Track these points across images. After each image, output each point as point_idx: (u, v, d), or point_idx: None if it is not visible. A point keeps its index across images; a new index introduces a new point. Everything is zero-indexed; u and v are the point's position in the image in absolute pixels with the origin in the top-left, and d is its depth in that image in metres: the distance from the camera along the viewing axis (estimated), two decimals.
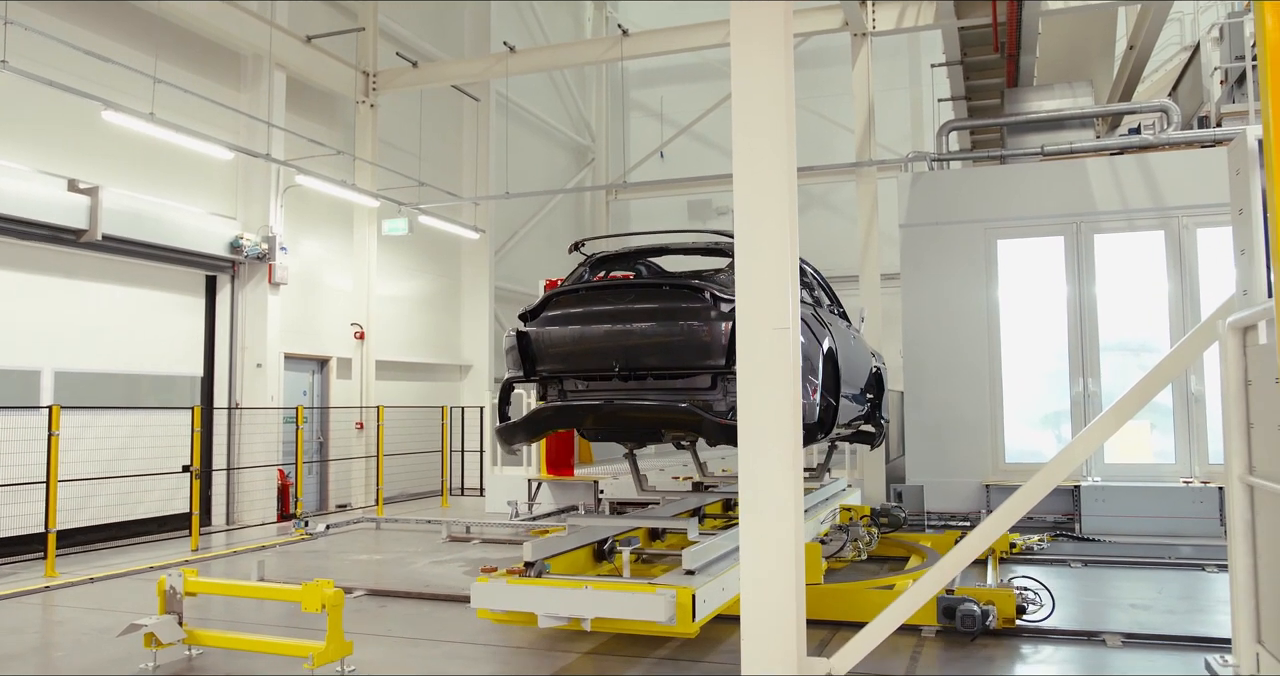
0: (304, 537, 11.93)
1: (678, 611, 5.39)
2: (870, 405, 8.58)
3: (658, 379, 6.16)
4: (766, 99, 4.19)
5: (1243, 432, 3.91)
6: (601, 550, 7.10)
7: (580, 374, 6.46)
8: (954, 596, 6.56)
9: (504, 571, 6.10)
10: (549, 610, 5.68)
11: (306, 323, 15.33)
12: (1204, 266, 11.48)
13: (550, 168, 23.56)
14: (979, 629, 6.33)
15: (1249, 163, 3.74)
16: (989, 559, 9.05)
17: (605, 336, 6.19)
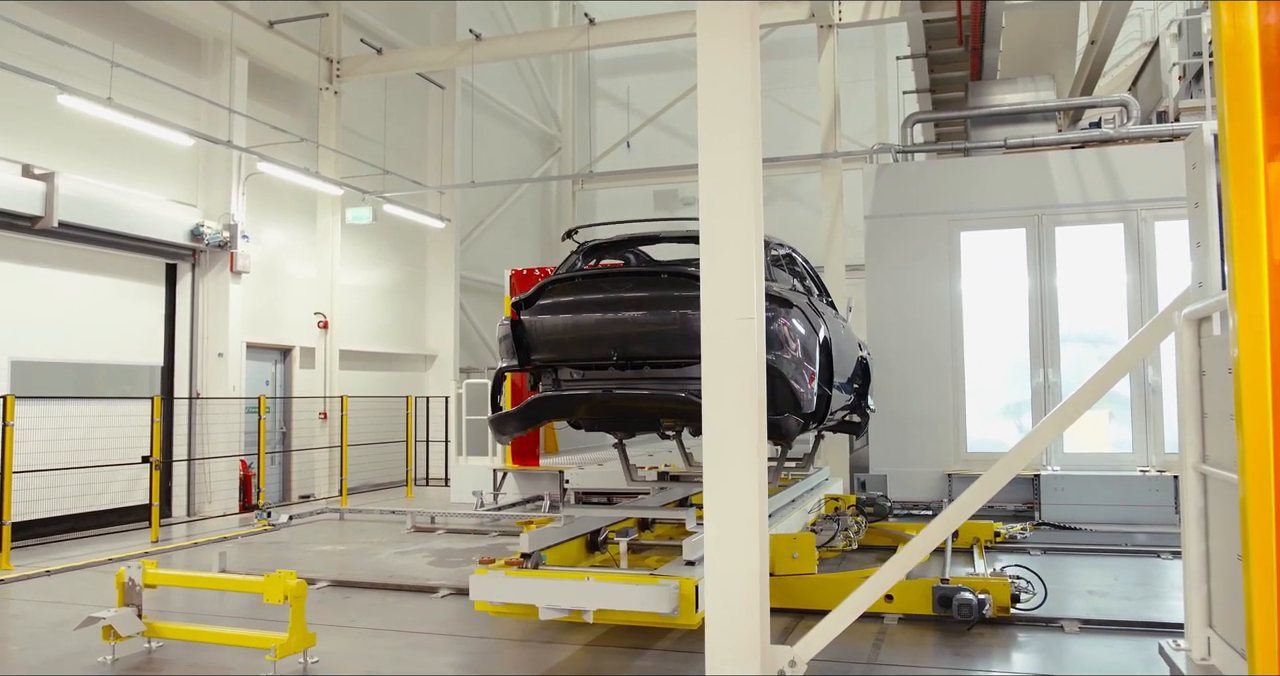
0: (266, 529, 11.82)
1: (680, 602, 5.37)
2: (856, 394, 8.60)
3: (654, 368, 6.10)
4: (732, 92, 4.19)
5: (1197, 422, 3.98)
6: (595, 541, 7.07)
7: (576, 363, 6.38)
8: (949, 586, 6.56)
9: (502, 562, 6.04)
10: (551, 602, 5.63)
11: (269, 312, 15.16)
12: (1161, 259, 11.66)
13: (516, 157, 23.44)
14: (975, 617, 6.34)
15: (1204, 157, 3.80)
16: (974, 548, 9.12)
17: (602, 325, 6.11)
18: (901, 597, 6.74)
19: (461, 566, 9.21)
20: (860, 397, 8.83)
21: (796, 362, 5.93)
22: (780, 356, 5.85)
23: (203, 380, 13.66)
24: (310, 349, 16.06)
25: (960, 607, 6.38)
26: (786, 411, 5.96)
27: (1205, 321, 3.88)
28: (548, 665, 5.91)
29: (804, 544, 7.14)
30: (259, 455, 13.40)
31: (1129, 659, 5.78)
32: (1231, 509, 3.24)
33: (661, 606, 5.34)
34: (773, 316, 5.89)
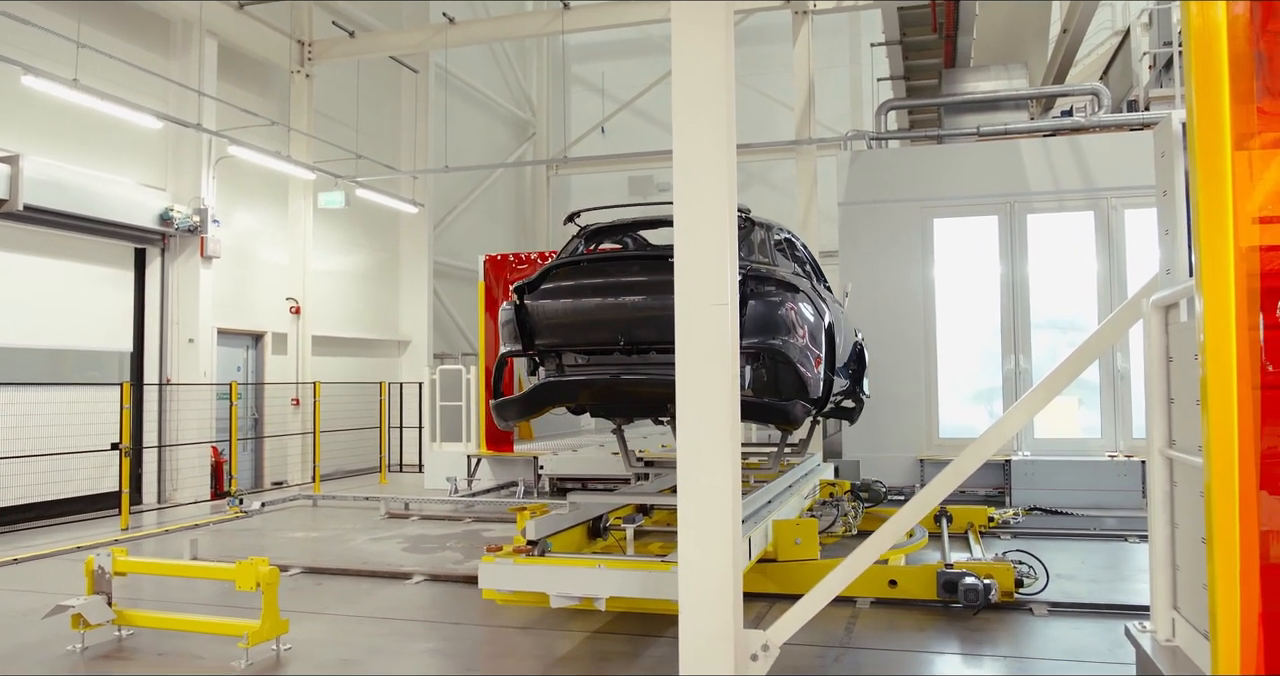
0: (238, 515, 11.75)
1: None
2: (852, 380, 8.59)
3: (660, 353, 6.02)
4: (706, 78, 4.18)
5: (1164, 408, 4.04)
6: (597, 527, 7.02)
7: (581, 348, 6.29)
8: (954, 571, 6.55)
9: (509, 550, 5.99)
10: (563, 590, 5.58)
11: (240, 297, 15.03)
12: (1131, 246, 11.78)
13: (490, 142, 23.30)
14: (981, 603, 6.33)
15: (1173, 146, 3.84)
16: (969, 533, 9.18)
17: (608, 309, 6.02)
18: (905, 583, 6.74)
19: (436, 552, 9.20)
20: (855, 383, 8.84)
21: (803, 348, 5.90)
22: (787, 341, 5.81)
23: (173, 366, 13.53)
24: (282, 335, 15.94)
25: (966, 593, 6.34)
26: (794, 397, 5.95)
27: (1173, 308, 3.93)
28: (526, 650, 5.92)
29: (806, 529, 7.12)
30: (230, 442, 13.30)
31: (1096, 641, 5.87)
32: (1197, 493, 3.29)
33: (670, 593, 5.28)
34: (779, 301, 5.87)
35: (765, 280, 5.96)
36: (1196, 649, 3.58)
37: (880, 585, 6.78)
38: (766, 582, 6.88)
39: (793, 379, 5.82)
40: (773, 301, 5.88)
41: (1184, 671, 3.55)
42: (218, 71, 14.17)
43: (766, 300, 5.87)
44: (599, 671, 5.43)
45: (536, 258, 14.46)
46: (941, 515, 9.28)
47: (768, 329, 5.82)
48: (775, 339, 5.81)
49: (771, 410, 5.96)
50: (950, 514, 9.34)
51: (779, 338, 5.80)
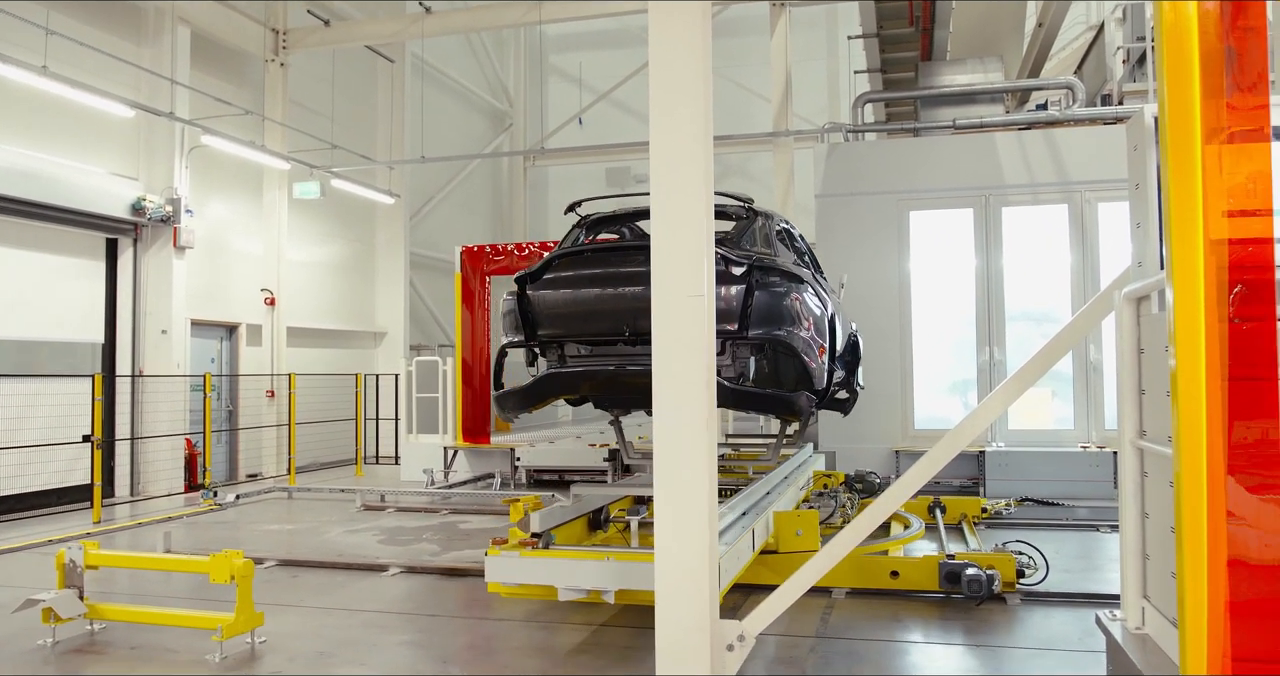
0: (212, 508, 11.67)
1: None
2: (847, 371, 8.59)
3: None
4: (684, 70, 4.18)
5: (1135, 399, 4.08)
6: (597, 519, 6.95)
7: (585, 338, 6.20)
8: (956, 562, 6.54)
9: (515, 543, 5.94)
10: (572, 583, 5.51)
11: (214, 288, 14.90)
12: (1104, 239, 11.87)
13: (467, 132, 23.20)
14: (985, 593, 6.32)
15: (1145, 139, 3.87)
16: (964, 524, 9.21)
17: (613, 299, 5.95)
18: (907, 574, 6.72)
19: (412, 544, 9.17)
20: (850, 374, 8.84)
21: (808, 338, 5.87)
22: (792, 332, 5.78)
23: (146, 357, 13.40)
24: (257, 326, 15.82)
25: (970, 584, 6.33)
26: (799, 388, 5.93)
27: (1144, 300, 3.97)
28: (502, 642, 5.92)
29: (807, 520, 7.10)
30: (204, 434, 13.20)
31: (1068, 629, 5.94)
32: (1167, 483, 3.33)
33: None
34: (785, 291, 5.84)
35: (769, 270, 5.93)
36: (1165, 636, 3.63)
37: (882, 576, 6.79)
38: (769, 574, 6.81)
39: (798, 370, 5.80)
40: (778, 292, 5.85)
41: (1153, 659, 3.60)
42: (191, 60, 14.01)
43: (771, 291, 5.84)
44: (573, 661, 5.44)
45: (513, 249, 14.42)
46: (935, 505, 9.34)
47: (773, 320, 5.80)
48: (780, 330, 5.77)
49: (777, 401, 5.93)
50: (944, 504, 9.40)
51: (784, 328, 5.76)
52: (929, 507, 9.33)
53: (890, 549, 7.58)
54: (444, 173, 21.80)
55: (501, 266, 14.46)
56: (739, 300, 5.77)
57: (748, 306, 5.77)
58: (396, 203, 18.67)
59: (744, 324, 5.77)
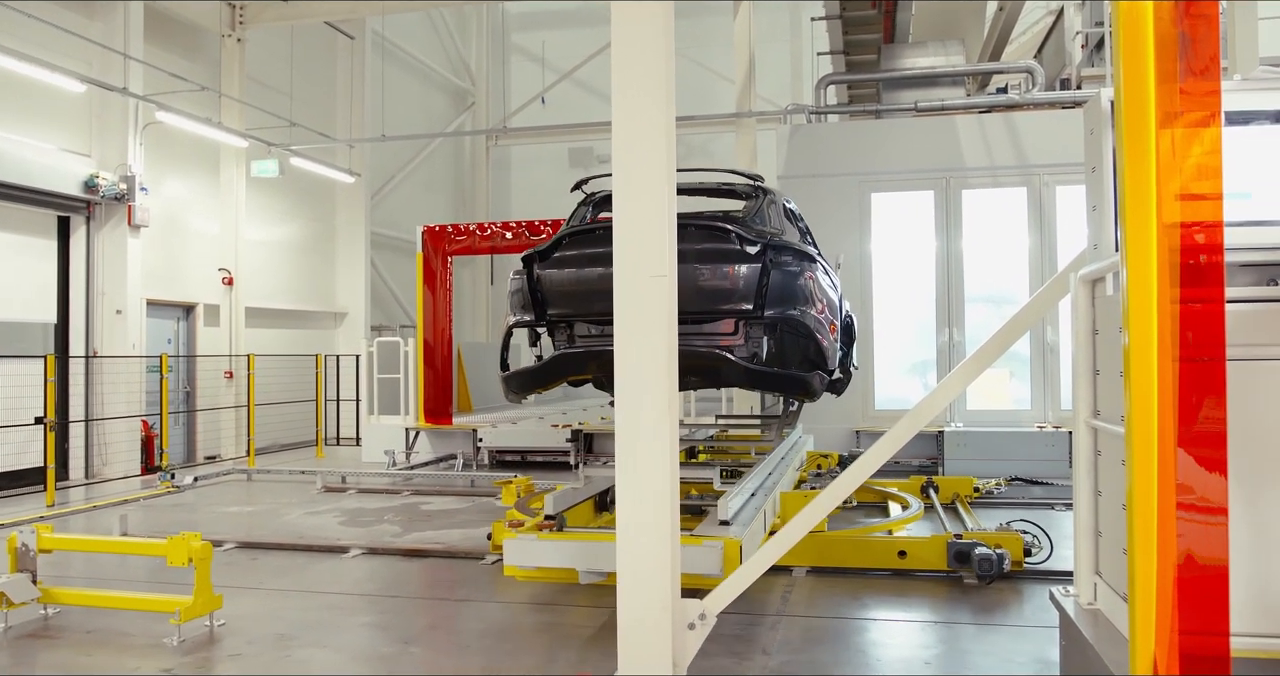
0: (170, 490, 11.54)
1: (725, 564, 5.26)
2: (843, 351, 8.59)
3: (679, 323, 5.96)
4: (646, 51, 4.16)
5: (1089, 379, 4.14)
6: (604, 501, 6.90)
7: (595, 318, 6.08)
8: (965, 541, 6.56)
9: (531, 526, 5.90)
10: (592, 566, 5.45)
11: (170, 267, 14.66)
12: (1062, 222, 12.03)
13: (428, 111, 22.96)
14: (995, 572, 6.33)
15: (1101, 123, 3.91)
16: (957, 503, 9.28)
17: None
18: (915, 554, 6.75)
19: (374, 526, 9.13)
20: (846, 354, 8.85)
21: (821, 319, 5.85)
22: (805, 312, 5.74)
23: (100, 338, 13.17)
24: (215, 306, 15.61)
25: (981, 563, 6.35)
26: (814, 368, 5.91)
27: (1099, 282, 4.02)
28: (465, 622, 5.92)
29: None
30: (161, 415, 13.02)
31: (1023, 605, 6.05)
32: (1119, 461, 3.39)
33: (711, 567, 5.22)
34: (798, 271, 5.81)
35: (783, 249, 5.88)
36: (1116, 611, 3.70)
37: (889, 556, 6.82)
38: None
39: (812, 349, 5.77)
40: (791, 271, 5.82)
41: (1103, 632, 3.67)
42: (144, 34, 13.71)
43: (785, 270, 5.80)
44: (535, 641, 5.46)
45: (475, 229, 14.34)
46: (928, 485, 9.44)
47: (788, 299, 5.76)
48: (794, 309, 5.74)
49: (791, 381, 5.92)
50: (937, 484, 9.50)
51: (797, 308, 5.72)
52: (922, 487, 9.45)
53: (893, 529, 7.63)
54: (405, 152, 21.57)
55: (463, 246, 14.37)
56: (754, 280, 5.71)
57: (763, 286, 5.71)
58: (357, 182, 18.47)
59: (759, 304, 5.71)
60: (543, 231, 13.82)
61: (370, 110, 19.15)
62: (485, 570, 7.26)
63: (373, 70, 19.43)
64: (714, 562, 5.30)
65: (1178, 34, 2.86)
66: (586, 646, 5.34)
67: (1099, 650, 3.46)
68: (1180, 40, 2.88)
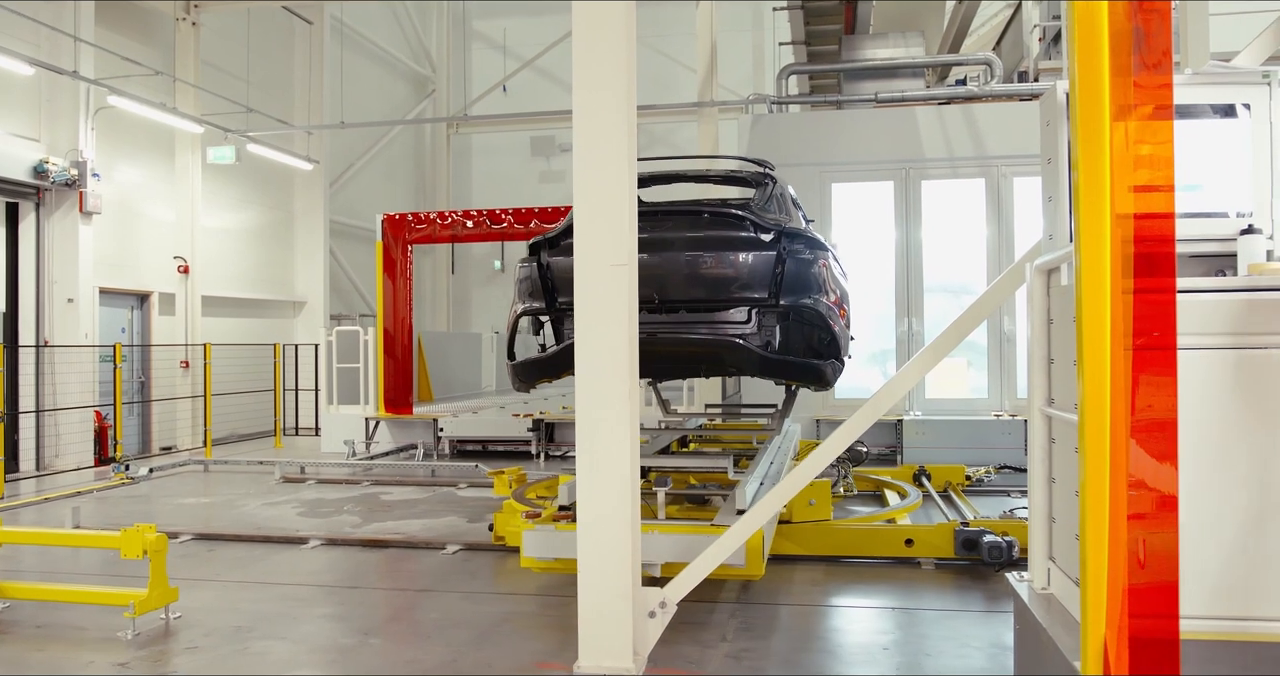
0: (124, 482, 11.36)
1: (748, 554, 5.25)
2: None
3: (690, 311, 5.84)
4: (607, 40, 4.14)
5: (1044, 367, 4.20)
6: None
7: None
8: (972, 529, 6.59)
9: (548, 516, 5.84)
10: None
11: (124, 255, 14.41)
12: (1019, 213, 12.17)
13: (388, 98, 22.72)
14: (1005, 559, 6.36)
15: (1057, 115, 3.96)
16: (949, 491, 9.34)
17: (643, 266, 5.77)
18: (922, 542, 6.77)
19: (333, 516, 9.06)
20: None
21: (833, 306, 5.83)
22: (818, 300, 5.72)
23: (51, 327, 12.91)
24: (170, 294, 15.37)
25: (990, 550, 6.39)
26: (826, 356, 5.90)
27: (1054, 272, 4.08)
28: (425, 612, 5.90)
29: (820, 490, 7.10)
30: (115, 406, 12.81)
31: (979, 591, 6.14)
32: (1073, 449, 3.44)
33: (735, 558, 5.17)
34: (812, 259, 5.78)
35: (796, 237, 5.85)
36: (1069, 596, 3.77)
37: (896, 545, 6.86)
38: (785, 544, 6.86)
39: (825, 338, 5.76)
40: (804, 259, 5.78)
41: (1056, 617, 3.74)
42: (95, 16, 13.40)
43: (799, 258, 5.76)
44: (496, 631, 5.45)
45: (436, 217, 14.24)
46: (920, 473, 9.50)
47: (802, 288, 5.74)
48: (807, 298, 5.72)
49: (806, 370, 5.90)
50: (929, 472, 9.57)
51: (811, 296, 5.70)
52: (914, 476, 9.51)
53: (895, 517, 7.67)
54: (365, 139, 21.35)
55: (424, 235, 14.26)
56: (769, 268, 5.69)
57: (778, 274, 5.69)
58: (315, 169, 18.26)
59: (774, 292, 5.69)
60: (504, 220, 13.75)
61: (329, 97, 18.91)
62: (446, 560, 7.24)
63: (331, 56, 19.18)
64: (738, 553, 5.29)
65: (1131, 28, 2.90)
66: (549, 636, 5.34)
67: (1052, 634, 3.53)
68: (1134, 34, 2.92)
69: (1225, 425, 3.25)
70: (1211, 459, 3.24)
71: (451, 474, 11.54)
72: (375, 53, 22.02)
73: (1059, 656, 3.34)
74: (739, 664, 4.85)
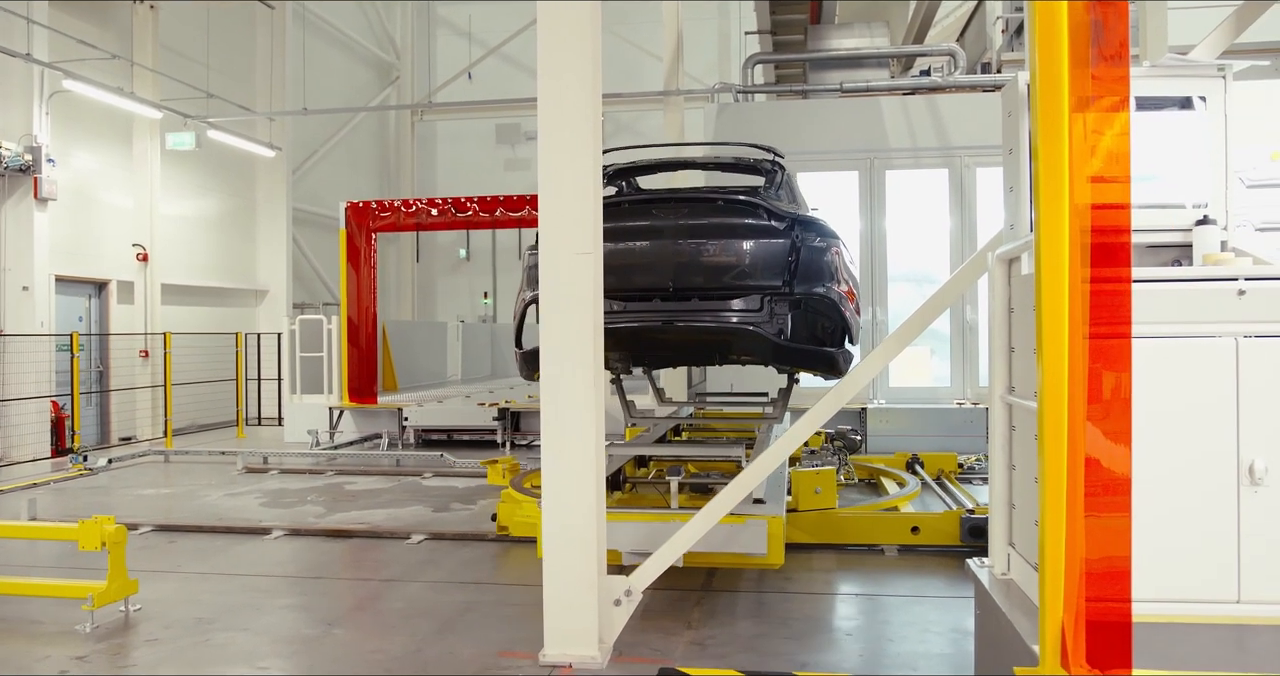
0: (82, 473, 11.20)
1: (770, 541, 5.24)
2: None
3: (703, 299, 5.80)
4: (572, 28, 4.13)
5: (1005, 356, 4.25)
6: (615, 480, 6.72)
7: (625, 293, 5.90)
8: (978, 516, 6.63)
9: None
10: (638, 547, 5.31)
11: (81, 242, 14.16)
12: (982, 203, 12.28)
13: (352, 84, 22.48)
14: None
15: (1018, 106, 4.00)
16: (943, 478, 9.40)
17: (659, 252, 5.74)
18: (929, 529, 6.81)
19: (296, 506, 8.99)
20: None
21: (846, 294, 5.84)
22: (831, 288, 5.71)
23: (6, 316, 12.66)
24: (129, 283, 15.13)
25: None
26: (839, 344, 5.90)
27: (1015, 261, 4.13)
28: (389, 602, 5.87)
29: (825, 479, 7.12)
30: (72, 396, 12.60)
31: (940, 577, 6.21)
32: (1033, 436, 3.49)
33: (756, 547, 5.21)
34: (825, 247, 5.78)
35: (809, 225, 5.85)
36: (1028, 581, 3.82)
37: (903, 533, 6.90)
38: (794, 532, 6.85)
39: (838, 326, 5.77)
40: (818, 248, 5.78)
41: (1016, 601, 3.79)
42: None
43: (812, 246, 5.76)
44: (461, 621, 5.44)
45: (400, 205, 14.13)
46: (914, 461, 9.56)
47: (816, 276, 5.73)
48: (820, 286, 5.71)
49: (819, 357, 5.91)
50: (921, 460, 9.64)
51: (824, 284, 5.70)
52: (907, 464, 9.58)
53: (898, 505, 7.71)
54: (328, 126, 21.11)
55: (388, 223, 14.15)
56: (783, 256, 5.69)
57: (792, 262, 5.69)
58: (278, 156, 18.03)
59: (788, 281, 5.69)
60: (469, 208, 13.67)
61: (291, 83, 18.67)
62: (410, 549, 7.21)
63: (294, 41, 18.94)
64: (759, 541, 5.31)
65: (1090, 22, 2.93)
66: (515, 625, 5.34)
67: (1011, 618, 3.58)
68: (1093, 28, 2.95)
69: (1178, 412, 3.31)
70: (1167, 445, 3.30)
71: (416, 463, 11.48)
72: (339, 38, 21.77)
73: (1018, 640, 3.40)
74: (703, 651, 4.87)
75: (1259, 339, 3.27)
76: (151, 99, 14.68)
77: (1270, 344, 3.27)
